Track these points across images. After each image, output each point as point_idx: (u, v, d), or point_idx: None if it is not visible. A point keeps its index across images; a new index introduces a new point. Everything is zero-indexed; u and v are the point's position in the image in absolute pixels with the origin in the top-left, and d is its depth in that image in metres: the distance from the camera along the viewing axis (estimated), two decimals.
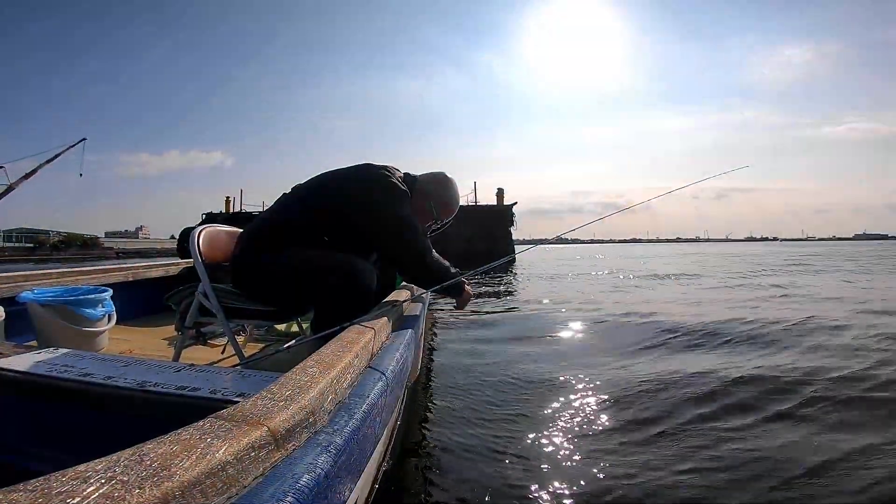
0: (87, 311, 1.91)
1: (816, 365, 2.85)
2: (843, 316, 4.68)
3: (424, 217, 1.68)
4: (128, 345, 2.11)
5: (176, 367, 1.00)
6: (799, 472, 1.60)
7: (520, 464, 1.69)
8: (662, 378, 2.64)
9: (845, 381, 2.56)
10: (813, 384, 2.49)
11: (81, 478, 0.38)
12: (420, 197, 1.66)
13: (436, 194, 1.67)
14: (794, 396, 2.32)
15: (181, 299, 1.64)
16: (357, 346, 0.90)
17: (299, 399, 0.61)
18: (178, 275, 3.01)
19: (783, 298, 6.34)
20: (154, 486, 0.38)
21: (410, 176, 1.67)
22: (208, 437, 0.48)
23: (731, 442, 1.84)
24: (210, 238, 1.67)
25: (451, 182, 1.71)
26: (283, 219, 1.54)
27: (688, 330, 4.00)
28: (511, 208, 22.22)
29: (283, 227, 1.52)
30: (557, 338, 4.01)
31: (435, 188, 1.68)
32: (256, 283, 1.50)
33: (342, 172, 1.61)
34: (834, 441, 1.84)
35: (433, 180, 1.69)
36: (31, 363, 0.95)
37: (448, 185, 1.70)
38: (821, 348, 3.35)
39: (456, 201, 1.73)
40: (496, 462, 1.69)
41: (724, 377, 2.62)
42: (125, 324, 2.42)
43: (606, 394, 2.40)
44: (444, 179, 1.70)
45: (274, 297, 1.53)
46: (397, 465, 1.65)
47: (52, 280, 2.23)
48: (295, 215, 1.53)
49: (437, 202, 1.68)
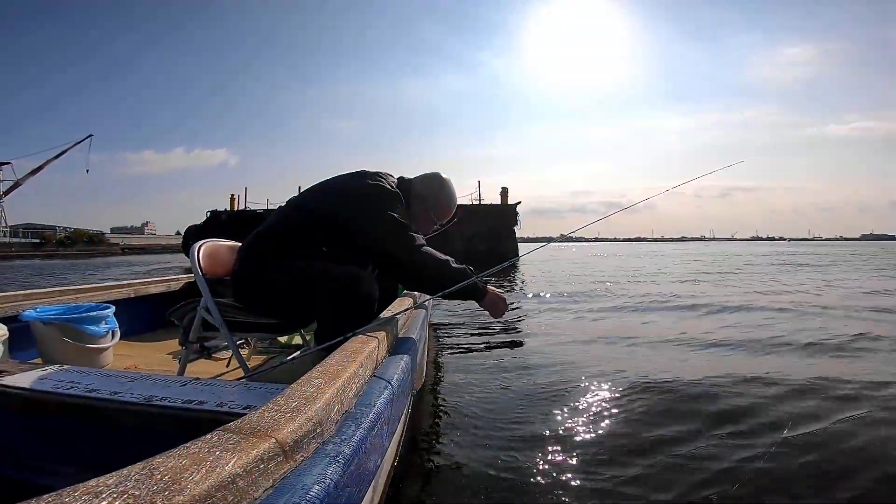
0: (90, 328, 1.91)
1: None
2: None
3: (426, 222, 1.67)
4: (132, 360, 2.11)
5: (181, 381, 1.00)
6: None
7: (527, 471, 1.67)
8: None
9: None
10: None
11: (93, 493, 0.38)
12: (418, 202, 1.64)
13: (433, 197, 1.65)
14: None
15: (183, 314, 1.64)
16: (361, 355, 0.90)
17: (306, 410, 0.61)
18: (180, 290, 3.01)
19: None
20: (166, 500, 0.38)
21: (405, 181, 1.66)
22: (217, 450, 0.48)
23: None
24: (211, 253, 1.68)
25: (447, 182, 1.69)
26: (280, 231, 1.55)
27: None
28: (515, 207, 22.25)
29: (281, 239, 1.52)
30: (562, 338, 3.99)
31: (431, 191, 1.66)
32: (258, 297, 1.51)
33: (335, 181, 1.61)
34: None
35: (428, 183, 1.66)
36: (36, 380, 0.95)
37: (444, 186, 1.68)
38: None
39: (454, 201, 1.70)
40: (504, 469, 1.68)
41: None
42: (129, 340, 2.42)
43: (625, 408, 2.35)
44: (440, 181, 1.68)
45: (276, 309, 1.53)
46: (405, 474, 1.64)
47: (54, 298, 2.23)
48: (292, 227, 1.53)
49: (435, 205, 1.66)
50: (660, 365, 3.08)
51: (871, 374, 2.75)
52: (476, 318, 5.08)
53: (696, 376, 2.71)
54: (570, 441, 1.91)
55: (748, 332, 4.17)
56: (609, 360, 3.27)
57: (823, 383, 2.54)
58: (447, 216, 1.71)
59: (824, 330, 4.21)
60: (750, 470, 1.64)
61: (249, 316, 1.52)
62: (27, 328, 1.85)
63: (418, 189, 1.65)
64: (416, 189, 1.64)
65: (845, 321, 4.73)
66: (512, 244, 20.68)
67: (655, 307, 6.00)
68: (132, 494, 0.38)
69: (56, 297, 2.25)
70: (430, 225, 1.69)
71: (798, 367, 2.94)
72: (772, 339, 3.83)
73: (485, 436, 1.97)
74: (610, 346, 3.82)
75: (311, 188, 1.64)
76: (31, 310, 1.92)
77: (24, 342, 1.85)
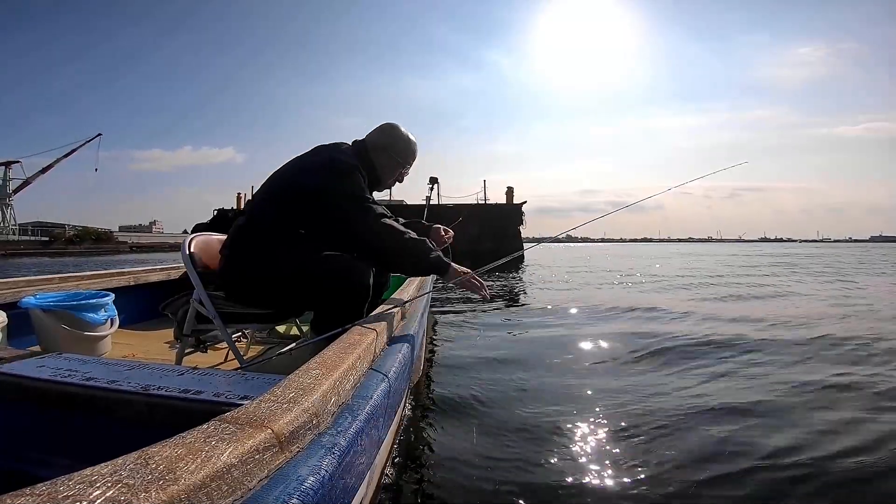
0: (89, 316, 1.91)
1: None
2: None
3: (393, 167, 1.73)
4: (130, 349, 2.11)
5: (179, 370, 1.00)
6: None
7: (524, 465, 1.68)
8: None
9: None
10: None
11: (88, 482, 0.38)
12: (379, 152, 1.70)
13: (391, 144, 1.72)
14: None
15: (177, 308, 1.64)
16: (359, 347, 0.90)
17: (303, 401, 0.62)
18: (180, 279, 3.01)
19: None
20: (160, 490, 0.38)
21: (359, 141, 1.73)
22: (213, 439, 0.48)
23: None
24: (202, 246, 1.67)
25: (396, 127, 1.76)
26: (256, 222, 1.54)
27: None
28: (521, 207, 22.18)
29: (258, 230, 1.52)
30: (563, 335, 4.00)
31: (389, 139, 1.72)
32: (249, 295, 1.51)
33: (295, 160, 1.64)
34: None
35: (382, 133, 1.74)
36: (34, 368, 0.95)
37: (396, 129, 1.75)
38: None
39: (409, 141, 1.76)
40: (499, 463, 1.69)
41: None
42: (127, 328, 2.42)
43: (623, 405, 2.37)
44: (391, 126, 1.76)
45: (268, 304, 1.53)
46: (401, 467, 1.65)
47: (54, 285, 2.23)
48: (266, 215, 1.53)
49: (396, 150, 1.72)
50: (660, 364, 3.10)
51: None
52: (476, 315, 5.10)
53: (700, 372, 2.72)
54: (569, 435, 1.92)
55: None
56: (610, 358, 3.28)
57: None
58: (411, 155, 1.76)
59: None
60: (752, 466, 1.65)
61: (243, 307, 1.52)
62: (26, 315, 1.85)
63: (375, 141, 1.72)
64: (373, 142, 1.71)
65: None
66: (517, 244, 20.70)
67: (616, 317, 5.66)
68: (127, 483, 0.38)
69: (56, 285, 2.25)
70: (397, 168, 1.74)
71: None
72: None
73: (482, 429, 1.98)
74: (609, 344, 3.83)
75: (273, 174, 1.64)
76: (30, 297, 1.92)
77: (23, 329, 1.85)
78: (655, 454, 1.74)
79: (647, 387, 2.55)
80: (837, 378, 2.70)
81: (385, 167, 1.71)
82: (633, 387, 2.55)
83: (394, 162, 1.72)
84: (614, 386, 2.57)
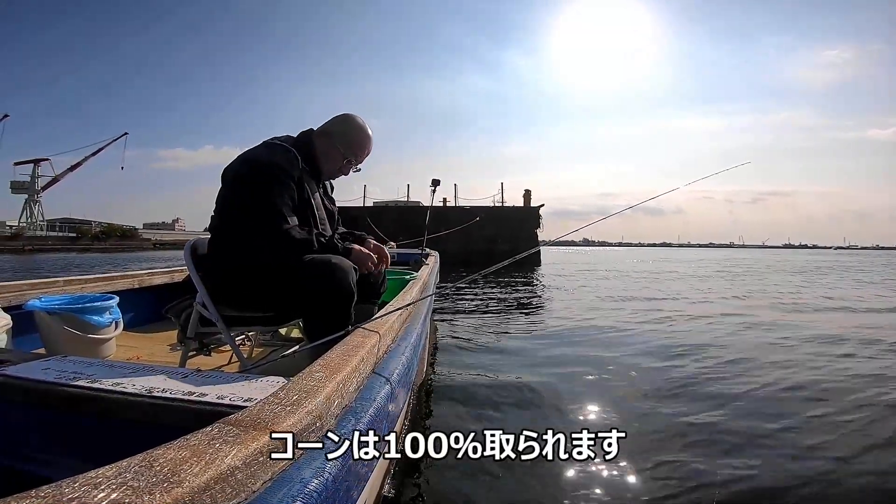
0: (94, 319, 1.92)
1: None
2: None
3: (334, 157, 1.65)
4: (135, 351, 2.12)
5: (183, 372, 1.01)
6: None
7: (528, 467, 1.67)
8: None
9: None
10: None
11: (92, 484, 0.38)
12: (323, 139, 1.64)
13: (339, 133, 1.65)
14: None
15: (180, 311, 1.64)
16: (362, 350, 0.90)
17: (306, 404, 0.62)
18: (184, 282, 3.02)
19: None
20: (164, 492, 0.38)
21: (305, 131, 1.67)
22: (217, 442, 0.48)
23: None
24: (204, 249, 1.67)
25: (352, 117, 1.67)
26: (220, 223, 1.52)
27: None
28: (538, 210, 22.03)
29: (225, 233, 1.50)
30: (565, 336, 3.99)
31: (337, 127, 1.66)
32: (242, 303, 1.50)
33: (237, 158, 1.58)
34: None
35: (333, 122, 1.67)
36: (39, 370, 0.96)
37: (348, 119, 1.67)
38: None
39: (360, 133, 1.67)
40: (504, 464, 1.69)
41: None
42: (132, 331, 2.43)
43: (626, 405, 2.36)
44: (344, 116, 1.68)
45: (263, 306, 1.52)
46: (404, 470, 1.64)
47: (59, 288, 2.24)
48: (225, 215, 1.51)
49: (342, 139, 1.64)
50: (658, 364, 3.08)
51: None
52: (477, 314, 5.09)
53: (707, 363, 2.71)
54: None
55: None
56: (612, 357, 3.27)
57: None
58: (357, 148, 1.68)
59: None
60: None
61: (237, 310, 1.52)
62: (31, 317, 1.86)
63: (324, 127, 1.66)
64: (321, 128, 1.66)
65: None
66: (534, 246, 20.48)
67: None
68: (131, 486, 0.38)
69: (61, 287, 2.26)
70: (339, 159, 1.66)
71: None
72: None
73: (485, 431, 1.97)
74: (609, 343, 3.82)
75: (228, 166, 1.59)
76: (35, 299, 1.93)
77: (28, 331, 1.86)
78: (671, 461, 1.73)
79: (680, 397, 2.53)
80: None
81: (324, 154, 1.63)
82: (646, 393, 2.53)
83: (334, 150, 1.64)
84: (628, 401, 2.54)
